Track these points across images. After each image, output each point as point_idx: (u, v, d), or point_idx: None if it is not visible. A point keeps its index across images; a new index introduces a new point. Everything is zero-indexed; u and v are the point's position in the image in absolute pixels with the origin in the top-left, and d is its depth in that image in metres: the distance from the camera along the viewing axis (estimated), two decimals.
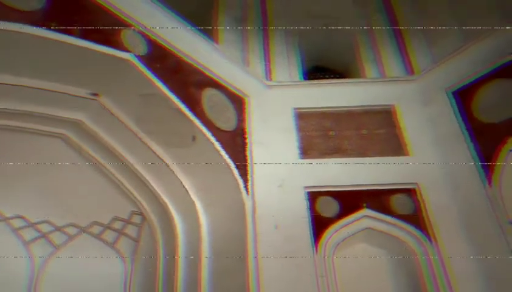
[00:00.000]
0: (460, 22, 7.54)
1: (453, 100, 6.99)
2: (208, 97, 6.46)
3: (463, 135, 6.69)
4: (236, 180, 6.07)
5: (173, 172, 6.43)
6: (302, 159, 6.93)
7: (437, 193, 6.47)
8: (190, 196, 6.45)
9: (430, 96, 7.29)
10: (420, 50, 7.87)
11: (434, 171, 6.70)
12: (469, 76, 6.88)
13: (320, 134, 7.26)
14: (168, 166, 6.35)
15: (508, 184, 6.07)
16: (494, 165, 6.18)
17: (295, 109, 7.45)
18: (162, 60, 5.88)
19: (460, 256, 5.93)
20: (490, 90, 6.57)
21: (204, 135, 5.99)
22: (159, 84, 5.58)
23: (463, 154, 6.56)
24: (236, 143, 6.58)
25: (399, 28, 8.33)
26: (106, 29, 5.19)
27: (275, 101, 7.48)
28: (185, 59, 6.33)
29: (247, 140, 6.75)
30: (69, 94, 5.42)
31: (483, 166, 6.31)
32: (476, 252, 5.93)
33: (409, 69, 7.81)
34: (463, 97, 6.89)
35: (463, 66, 7.00)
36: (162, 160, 6.32)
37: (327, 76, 9.33)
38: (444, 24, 7.72)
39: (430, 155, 6.86)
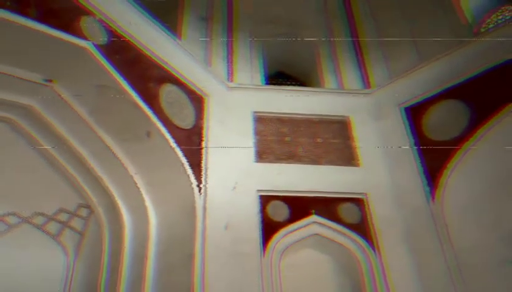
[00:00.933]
0: (417, 41, 7.87)
1: (405, 116, 7.29)
2: (167, 93, 6.38)
3: (411, 151, 6.99)
4: (189, 179, 6.03)
5: (125, 167, 6.29)
6: (257, 162, 6.99)
7: (383, 204, 6.72)
8: (140, 192, 6.34)
9: (384, 110, 7.57)
10: (377, 65, 8.16)
11: (382, 183, 6.96)
12: (422, 95, 7.21)
13: (276, 139, 7.35)
14: (120, 160, 6.21)
15: (449, 201, 6.40)
16: (438, 181, 6.50)
17: (254, 112, 7.51)
18: (121, 51, 5.75)
19: (400, 266, 6.18)
20: (439, 109, 6.91)
21: (160, 131, 5.91)
22: (116, 76, 5.45)
23: (410, 169, 6.85)
24: (192, 142, 6.53)
25: (359, 42, 8.59)
26: (64, 14, 5.02)
27: (234, 103, 7.51)
28: (146, 52, 6.22)
29: (204, 140, 6.72)
30: (21, 78, 5.19)
31: (428, 182, 6.61)
32: (415, 264, 6.20)
33: (366, 83, 8.08)
34: (414, 113, 7.20)
35: (417, 84, 7.33)
36: (114, 153, 6.16)
37: (288, 83, 9.47)
38: (401, 42, 8.04)
39: (380, 167, 7.12)
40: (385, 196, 6.82)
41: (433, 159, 6.69)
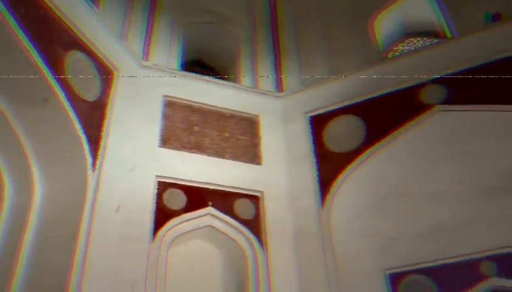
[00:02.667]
0: (330, 55, 8.31)
1: (310, 124, 7.65)
2: (74, 60, 6.00)
3: (311, 158, 7.36)
4: (84, 155, 5.72)
5: (15, 132, 5.77)
6: (160, 147, 6.85)
7: (277, 204, 6.98)
8: (28, 162, 5.86)
9: (291, 115, 7.86)
10: (292, 71, 8.46)
11: (279, 184, 7.22)
12: (327, 107, 7.63)
13: (184, 127, 7.27)
14: (9, 123, 5.68)
15: (336, 209, 6.86)
16: (329, 189, 6.93)
17: (164, 96, 7.34)
18: (28, 7, 5.29)
19: (284, 267, 6.46)
20: (340, 122, 7.39)
21: (59, 99, 5.53)
22: (19, 32, 5.00)
23: (307, 175, 7.21)
24: (94, 116, 6.20)
25: (279, 46, 8.85)
26: None
27: (145, 83, 7.27)
28: (57, 13, 5.78)
29: (107, 116, 6.42)
30: None
31: (320, 189, 7.01)
32: (298, 266, 6.51)
33: (279, 86, 8.33)
34: (317, 123, 7.59)
35: (324, 96, 7.74)
36: (4, 115, 5.63)
37: (205, 73, 9.41)
38: (317, 53, 8.43)
39: (280, 169, 7.39)
40: (280, 196, 7.09)
41: (328, 168, 7.12)
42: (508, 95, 6.36)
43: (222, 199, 6.78)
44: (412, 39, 8.68)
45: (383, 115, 7.14)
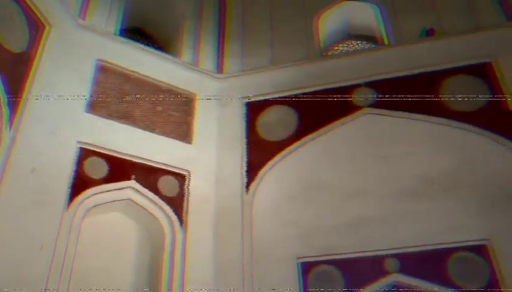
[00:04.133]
0: (274, 45, 8.38)
1: (245, 110, 7.68)
2: (0, 5, 5.52)
3: (242, 143, 7.40)
4: (1, 108, 5.30)
5: None
6: (87, 113, 6.54)
7: (202, 185, 6.99)
8: None
9: (228, 98, 7.84)
10: (234, 55, 8.42)
11: (208, 165, 7.22)
12: (264, 94, 7.70)
13: (115, 95, 6.99)
14: None
15: (260, 196, 6.98)
16: (256, 176, 7.04)
17: (98, 59, 7.00)
18: None
19: (200, 247, 6.49)
20: (274, 111, 7.49)
21: None
22: None
23: (236, 159, 7.26)
24: (17, 69, 5.76)
25: (224, 28, 8.77)
26: None
27: (79, 42, 6.88)
28: None
29: (32, 72, 5.99)
30: None
31: (247, 174, 7.10)
32: (215, 247, 6.57)
33: (219, 67, 8.26)
34: (253, 109, 7.64)
35: (262, 84, 7.80)
36: None
37: (146, 42, 9.07)
38: (261, 41, 8.46)
39: (210, 150, 7.37)
40: (207, 177, 7.09)
41: (258, 154, 7.22)
42: (426, 107, 6.80)
43: (147, 174, 6.64)
44: (352, 41, 8.98)
45: (316, 110, 7.34)
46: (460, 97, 6.74)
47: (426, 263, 6.73)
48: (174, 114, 7.46)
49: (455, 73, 6.94)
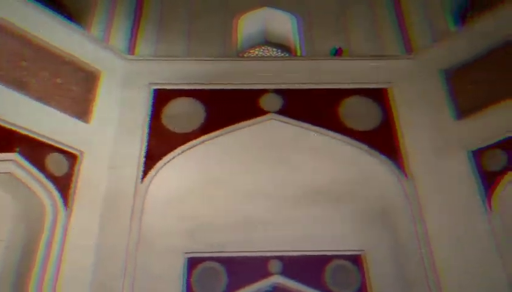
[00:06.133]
0: (191, 36, 8.28)
1: (152, 96, 7.45)
2: None
3: (144, 130, 7.16)
4: None
5: None
6: None
7: (95, 168, 6.63)
8: None
9: (135, 81, 7.54)
10: (149, 37, 8.17)
11: (102, 148, 6.84)
12: (174, 84, 7.55)
13: (9, 58, 6.34)
14: None
15: (154, 186, 6.82)
16: (154, 165, 6.87)
17: None
18: None
19: (86, 232, 6.17)
20: (182, 103, 7.38)
21: None
22: None
23: (135, 145, 7.02)
24: None
25: (142, 8, 8.47)
26: None
27: None
28: None
29: None
30: None
31: (145, 163, 6.87)
32: (102, 233, 6.26)
33: (131, 47, 7.96)
34: (160, 97, 7.44)
35: (175, 73, 7.65)
36: None
37: (56, 9, 8.40)
38: (179, 29, 8.30)
39: (109, 133, 7.02)
40: (101, 160, 6.74)
41: (159, 144, 7.04)
42: (326, 121, 7.15)
43: (34, 149, 6.12)
44: (268, 47, 9.22)
45: (223, 108, 7.37)
46: (356, 116, 7.23)
47: (306, 267, 7.15)
48: (74, 89, 7.00)
49: (355, 93, 7.43)
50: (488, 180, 6.28)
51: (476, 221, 6.14)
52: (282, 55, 8.99)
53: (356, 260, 7.26)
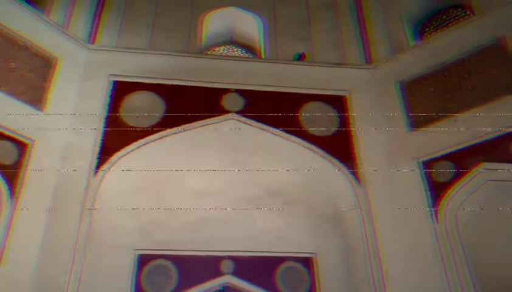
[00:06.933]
0: (155, 29, 8.15)
1: (111, 88, 7.24)
2: None
3: (100, 121, 6.95)
4: None
5: None
6: None
7: (46, 158, 6.38)
8: None
9: (94, 72, 7.30)
10: (110, 27, 8.00)
11: (56, 137, 6.60)
12: (135, 77, 7.38)
13: None
14: None
15: (108, 180, 6.67)
16: (108, 159, 6.69)
17: None
18: None
19: (32, 224, 5.94)
20: (142, 97, 7.24)
21: None
22: None
23: (90, 137, 6.80)
24: None
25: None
26: None
27: None
28: None
29: None
30: None
31: (99, 155, 6.68)
32: (49, 226, 6.05)
33: (92, 37, 7.76)
34: (120, 89, 7.24)
35: (136, 65, 7.48)
36: None
37: None
38: (141, 22, 8.16)
39: (62, 122, 6.76)
40: (53, 150, 6.47)
41: (115, 137, 6.85)
42: (286, 124, 7.22)
43: None
44: (233, 47, 9.21)
45: (184, 105, 7.28)
46: (315, 121, 7.35)
47: (258, 268, 7.20)
48: (29, 75, 6.72)
49: (315, 99, 7.56)
50: (436, 191, 6.55)
51: (422, 230, 6.39)
52: (247, 55, 9.01)
53: (307, 262, 7.38)
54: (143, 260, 6.82)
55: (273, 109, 7.30)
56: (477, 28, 7.01)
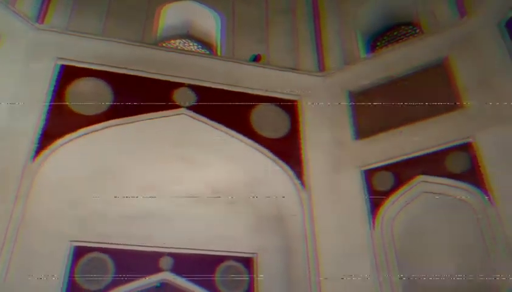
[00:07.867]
0: (109, 15, 7.88)
1: (57, 72, 6.91)
2: None
3: (43, 105, 6.61)
4: None
5: None
6: None
7: None
8: None
9: (40, 54, 6.88)
10: (60, 10, 7.61)
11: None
12: (84, 62, 7.10)
13: None
14: None
15: (49, 166, 6.37)
16: (49, 145, 6.39)
17: None
18: None
19: None
20: (90, 83, 6.98)
21: None
22: None
23: (31, 121, 6.47)
24: None
25: None
26: None
27: None
28: None
29: None
30: None
31: (40, 140, 6.36)
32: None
33: (40, 18, 7.35)
34: (67, 73, 6.93)
35: (86, 50, 7.19)
36: None
37: None
38: (94, 6, 7.87)
39: (2, 105, 6.38)
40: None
41: (58, 123, 6.55)
42: (237, 123, 7.24)
43: None
44: (189, 41, 9.09)
45: (134, 96, 7.09)
46: (265, 123, 7.42)
47: (198, 266, 7.17)
48: None
49: (267, 101, 7.64)
50: (375, 199, 6.82)
51: (360, 235, 6.64)
52: (202, 51, 8.92)
53: (248, 262, 7.43)
54: (79, 252, 6.59)
55: (225, 108, 7.28)
56: (424, 47, 7.37)
